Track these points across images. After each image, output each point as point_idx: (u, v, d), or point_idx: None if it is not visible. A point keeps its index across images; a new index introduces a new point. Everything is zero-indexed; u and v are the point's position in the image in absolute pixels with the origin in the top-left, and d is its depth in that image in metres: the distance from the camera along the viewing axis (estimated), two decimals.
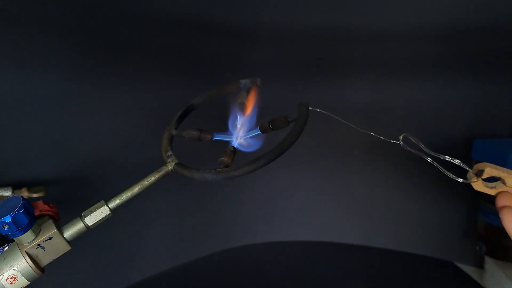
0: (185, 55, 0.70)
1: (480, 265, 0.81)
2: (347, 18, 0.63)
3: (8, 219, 0.31)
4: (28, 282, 0.34)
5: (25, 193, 0.55)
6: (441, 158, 0.35)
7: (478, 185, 0.35)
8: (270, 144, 0.34)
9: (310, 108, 0.36)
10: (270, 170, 0.40)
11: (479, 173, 0.35)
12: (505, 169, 0.34)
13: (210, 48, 0.70)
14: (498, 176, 0.34)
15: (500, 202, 0.34)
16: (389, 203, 0.90)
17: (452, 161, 0.35)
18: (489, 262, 0.77)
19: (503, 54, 0.71)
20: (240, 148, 0.38)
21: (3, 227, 0.31)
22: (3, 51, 0.52)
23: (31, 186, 0.57)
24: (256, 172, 0.32)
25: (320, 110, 0.36)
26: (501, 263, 0.75)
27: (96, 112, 0.65)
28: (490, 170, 0.34)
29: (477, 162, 0.33)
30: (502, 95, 0.79)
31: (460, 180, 0.36)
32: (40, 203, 0.40)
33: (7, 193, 0.55)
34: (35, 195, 0.56)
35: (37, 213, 0.39)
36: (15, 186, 0.56)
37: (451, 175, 0.35)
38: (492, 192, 0.35)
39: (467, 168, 0.35)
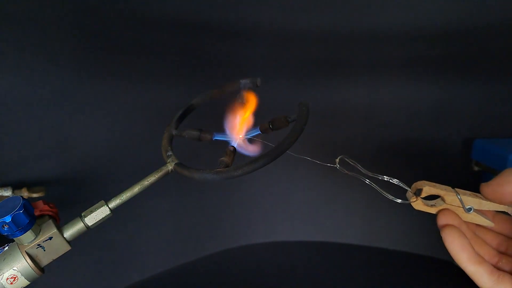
0: (185, 55, 0.70)
1: None
2: (347, 19, 0.63)
3: (8, 219, 0.31)
4: (28, 282, 0.34)
5: (25, 193, 0.55)
6: (380, 178, 0.34)
7: (418, 205, 0.34)
8: (270, 144, 0.34)
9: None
10: (270, 170, 0.40)
11: (417, 192, 0.34)
12: (443, 186, 0.34)
13: (210, 48, 0.70)
14: (436, 194, 0.34)
15: (441, 220, 0.32)
16: (389, 203, 0.89)
17: (390, 181, 0.34)
18: None
19: (503, 54, 0.71)
20: (239, 150, 0.38)
21: (3, 227, 0.31)
22: (3, 51, 0.52)
23: (31, 186, 0.57)
24: (256, 172, 0.32)
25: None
26: None
27: (96, 112, 0.65)
28: (428, 188, 0.33)
29: (477, 162, 0.33)
30: (502, 95, 0.79)
31: (399, 201, 0.35)
32: (40, 203, 0.40)
33: (7, 193, 0.55)
34: (35, 195, 0.56)
35: (37, 213, 0.39)
36: (15, 186, 0.56)
37: (390, 197, 0.34)
38: (432, 210, 0.34)
39: (406, 187, 0.35)
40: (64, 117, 0.62)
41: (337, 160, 0.35)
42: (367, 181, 0.34)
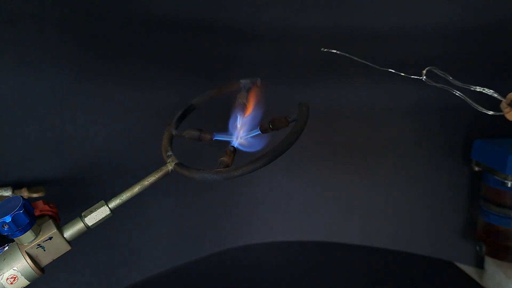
0: (185, 55, 0.70)
1: (480, 265, 0.81)
2: (347, 18, 0.63)
3: (8, 219, 0.31)
4: (28, 282, 0.34)
5: (25, 193, 0.55)
6: (471, 89, 0.33)
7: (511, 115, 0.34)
8: (270, 144, 0.34)
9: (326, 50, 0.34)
10: (270, 170, 0.40)
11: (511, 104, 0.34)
12: None
13: (210, 48, 0.70)
14: None
15: None
16: (389, 203, 0.90)
17: (483, 91, 0.34)
18: (489, 262, 0.77)
19: (503, 54, 0.71)
20: (241, 148, 0.38)
21: (3, 227, 0.31)
22: (3, 51, 0.52)
23: (31, 186, 0.57)
24: (256, 172, 0.32)
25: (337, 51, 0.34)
26: (501, 263, 0.75)
27: (96, 112, 0.65)
28: None
29: (477, 162, 0.33)
30: (502, 95, 0.79)
31: (491, 112, 0.34)
32: (40, 203, 0.40)
33: (7, 193, 0.55)
34: (35, 195, 0.56)
35: (37, 213, 0.39)
36: (15, 186, 0.56)
37: (480, 108, 0.34)
38: None
39: (500, 98, 0.34)
40: (64, 117, 0.62)
41: (424, 71, 0.35)
42: (457, 92, 0.34)
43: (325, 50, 0.36)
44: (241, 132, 0.39)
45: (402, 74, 0.34)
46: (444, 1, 0.59)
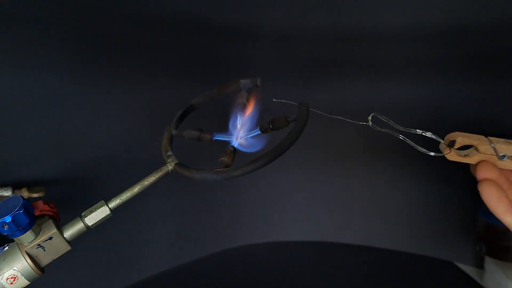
0: (185, 55, 0.70)
1: (480, 265, 0.81)
2: (347, 18, 0.63)
3: (8, 219, 0.31)
4: (28, 282, 0.34)
5: (25, 193, 0.55)
6: (412, 132, 0.35)
7: (452, 156, 0.35)
8: (270, 144, 0.34)
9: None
10: (270, 170, 0.40)
11: (451, 144, 0.35)
12: (476, 135, 0.34)
13: (210, 48, 0.70)
14: (470, 144, 0.34)
15: (481, 173, 0.33)
16: (389, 203, 0.90)
17: (423, 134, 0.35)
18: (489, 262, 0.77)
19: (504, 54, 0.71)
20: (241, 149, 0.38)
21: (3, 227, 0.31)
22: (3, 51, 0.52)
23: (31, 186, 0.57)
24: (256, 172, 0.32)
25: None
26: (501, 263, 0.75)
27: (96, 112, 0.65)
28: (461, 139, 0.34)
29: None
30: (502, 95, 0.79)
31: (432, 153, 0.35)
32: (40, 203, 0.40)
33: (7, 193, 0.55)
34: (35, 195, 0.56)
35: (37, 213, 0.39)
36: (15, 186, 0.56)
37: (423, 150, 0.35)
38: (466, 160, 0.35)
39: (439, 140, 0.35)
40: (64, 117, 0.62)
41: (370, 117, 0.36)
42: (401, 136, 0.35)
43: (277, 100, 0.38)
44: (241, 132, 0.39)
45: (350, 120, 0.36)
46: (444, 1, 0.59)
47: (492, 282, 0.76)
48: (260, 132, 0.38)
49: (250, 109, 0.39)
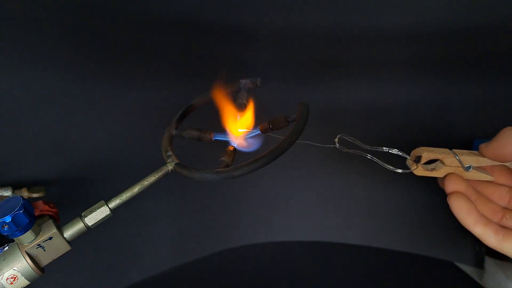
0: (185, 55, 0.70)
1: (480, 265, 0.81)
2: (347, 18, 0.63)
3: (8, 219, 0.31)
4: (28, 282, 0.34)
5: (25, 193, 0.55)
6: (379, 150, 0.35)
7: (419, 171, 0.35)
8: (270, 144, 0.34)
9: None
10: (270, 170, 0.40)
11: (417, 159, 0.35)
12: (441, 149, 0.35)
13: (210, 48, 0.70)
14: (435, 158, 0.35)
15: (449, 186, 0.34)
16: (389, 203, 0.90)
17: (390, 151, 0.35)
18: (489, 262, 0.77)
19: (504, 54, 0.71)
20: (240, 149, 0.38)
21: (3, 227, 0.31)
22: (3, 51, 0.52)
23: (31, 186, 0.57)
24: (256, 172, 0.32)
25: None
26: (501, 263, 0.75)
27: (96, 112, 0.65)
28: (427, 154, 0.34)
29: None
30: (502, 95, 0.79)
31: (400, 170, 0.36)
32: (40, 203, 0.40)
33: (7, 193, 0.55)
34: (35, 195, 0.56)
35: (37, 213, 0.39)
36: (15, 186, 0.56)
37: (390, 167, 0.35)
38: (433, 174, 0.35)
39: (405, 156, 0.35)
40: (64, 117, 0.62)
41: (336, 139, 0.36)
42: (368, 156, 0.36)
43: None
44: (241, 132, 0.39)
45: (317, 144, 0.36)
46: (444, 1, 0.59)
47: (492, 282, 0.76)
48: (260, 132, 0.38)
49: (249, 109, 0.39)
